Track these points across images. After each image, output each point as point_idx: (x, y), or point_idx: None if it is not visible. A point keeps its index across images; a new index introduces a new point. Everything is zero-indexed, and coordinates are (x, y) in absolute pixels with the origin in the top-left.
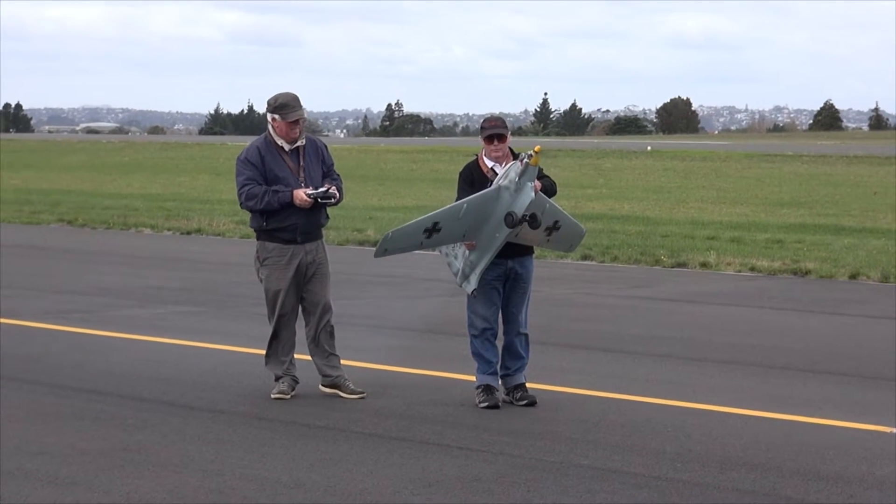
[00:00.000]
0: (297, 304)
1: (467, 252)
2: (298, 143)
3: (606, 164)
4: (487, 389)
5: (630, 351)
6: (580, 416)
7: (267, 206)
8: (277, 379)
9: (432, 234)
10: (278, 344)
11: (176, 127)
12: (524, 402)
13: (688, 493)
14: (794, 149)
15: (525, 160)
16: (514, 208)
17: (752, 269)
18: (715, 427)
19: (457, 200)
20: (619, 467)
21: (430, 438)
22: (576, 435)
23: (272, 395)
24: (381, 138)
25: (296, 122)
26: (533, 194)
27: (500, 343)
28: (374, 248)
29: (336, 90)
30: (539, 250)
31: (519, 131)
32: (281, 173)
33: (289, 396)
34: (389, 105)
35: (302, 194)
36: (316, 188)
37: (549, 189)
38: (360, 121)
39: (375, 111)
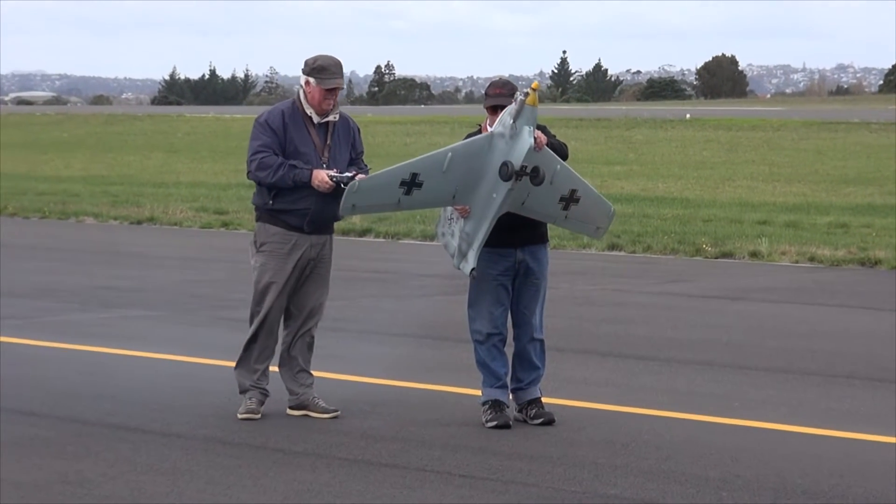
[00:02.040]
0: (285, 305)
1: (462, 222)
2: (330, 118)
3: (637, 135)
4: (496, 406)
5: (666, 358)
6: (607, 437)
7: (280, 181)
8: (244, 392)
9: (411, 188)
10: (255, 349)
11: (124, 96)
12: (539, 420)
13: None
14: (860, 115)
15: (520, 98)
16: (512, 157)
17: (812, 259)
18: (768, 448)
19: None
20: (654, 498)
21: (427, 465)
22: (602, 459)
23: (239, 416)
24: (368, 107)
25: (333, 90)
26: (532, 141)
27: (510, 351)
28: (346, 207)
29: (314, 50)
30: (556, 237)
31: None
32: (303, 147)
33: (258, 416)
34: (378, 67)
35: (324, 175)
36: (340, 172)
37: (556, 148)
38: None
39: (361, 74)
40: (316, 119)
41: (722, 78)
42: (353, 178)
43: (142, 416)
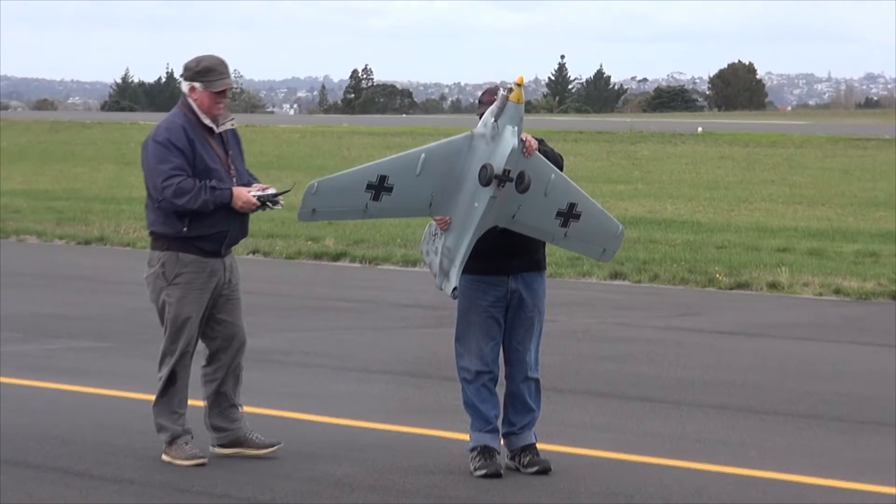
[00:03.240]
0: (198, 338)
1: (444, 236)
2: (228, 125)
3: (643, 150)
4: (485, 452)
5: (675, 401)
6: (609, 488)
7: (202, 206)
8: (175, 438)
9: (380, 194)
10: (176, 391)
11: (71, 100)
12: (534, 468)
13: None
14: (892, 130)
15: (503, 94)
16: (494, 160)
17: (837, 291)
18: (789, 502)
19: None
20: None
21: None
22: None
23: (183, 462)
24: (343, 116)
25: (223, 92)
26: (516, 142)
27: (501, 391)
28: (305, 212)
29: (284, 52)
30: (553, 263)
31: (528, 107)
32: (212, 164)
33: (206, 460)
34: (355, 72)
35: (246, 195)
36: (243, 184)
37: (549, 157)
38: (315, 93)
39: (336, 79)
40: (216, 129)
41: (738, 87)
42: (278, 195)
43: (91, 460)
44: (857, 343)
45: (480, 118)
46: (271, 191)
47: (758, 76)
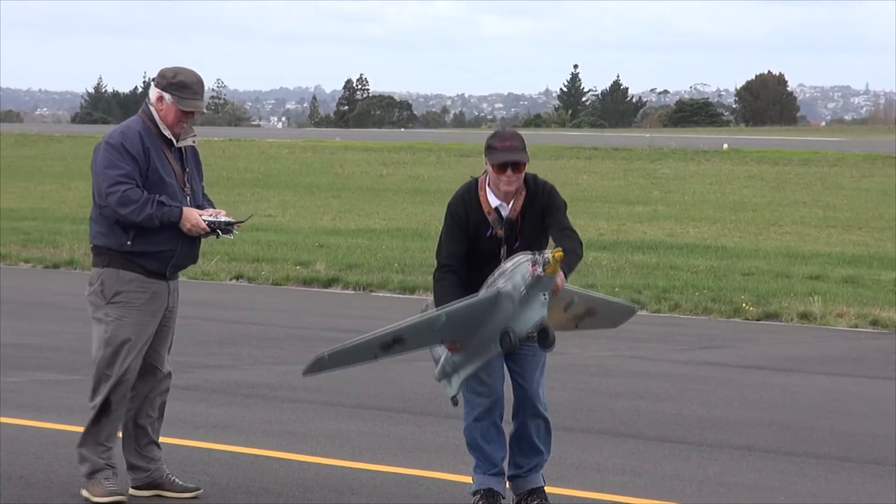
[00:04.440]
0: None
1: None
2: (189, 141)
3: (664, 168)
4: (489, 496)
5: (696, 441)
6: None
7: (146, 220)
8: (96, 471)
9: (392, 347)
10: (107, 422)
11: (38, 112)
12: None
13: None
14: None
15: (540, 267)
16: (515, 325)
17: (874, 322)
18: None
19: (443, 242)
20: None
21: None
22: None
23: (100, 500)
24: (336, 129)
25: (190, 113)
26: (545, 313)
27: (507, 428)
28: (311, 370)
29: (272, 61)
30: None
31: (537, 121)
32: (167, 178)
33: (125, 498)
34: (349, 82)
35: (198, 218)
36: (197, 206)
37: (572, 266)
38: (306, 104)
39: (328, 90)
40: (176, 142)
41: (767, 101)
42: (231, 224)
43: (59, 500)
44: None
45: (492, 166)
46: (225, 218)
47: (789, 88)
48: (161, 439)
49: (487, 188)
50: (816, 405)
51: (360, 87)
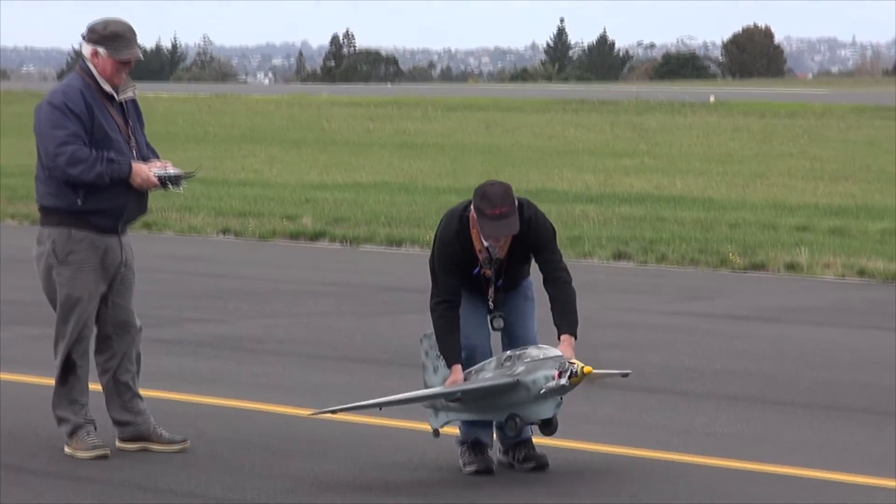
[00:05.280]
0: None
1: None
2: (129, 94)
3: (650, 121)
4: (476, 447)
5: (683, 391)
6: (611, 486)
7: (97, 178)
8: (76, 429)
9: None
10: (75, 379)
11: (24, 69)
12: (530, 464)
13: None
14: None
15: (566, 378)
16: (525, 414)
17: (861, 272)
18: (806, 500)
19: (438, 276)
20: None
21: None
22: None
23: (84, 455)
24: (323, 85)
25: (127, 62)
26: (555, 413)
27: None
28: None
29: (257, 16)
30: None
31: (524, 75)
32: (112, 133)
33: (109, 451)
34: (335, 37)
35: (146, 172)
36: (142, 158)
37: (575, 317)
38: (292, 60)
39: (315, 46)
40: (117, 97)
41: (754, 53)
42: (180, 177)
43: (45, 456)
44: (883, 329)
45: (474, 218)
46: (173, 171)
47: (776, 41)
48: (148, 393)
49: (478, 232)
50: (803, 355)
51: (346, 42)
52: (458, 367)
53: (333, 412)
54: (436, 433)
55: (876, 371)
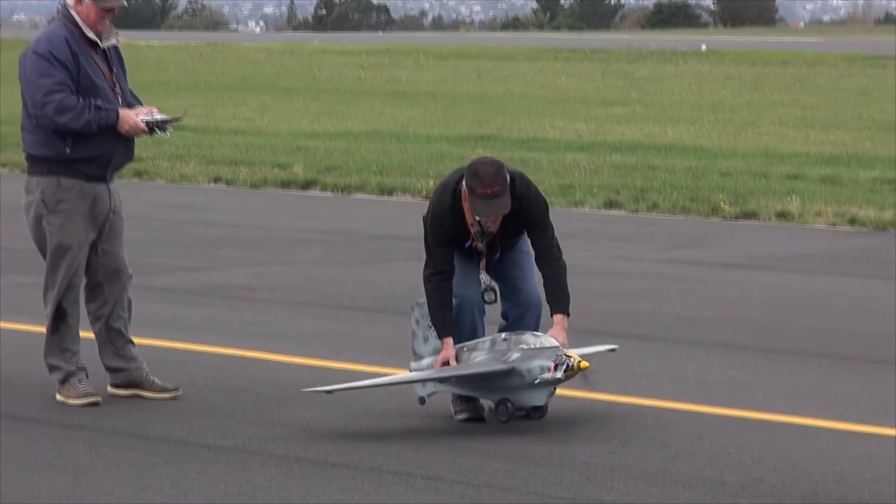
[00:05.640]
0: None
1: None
2: (112, 41)
3: (642, 70)
4: (466, 396)
5: (674, 339)
6: (602, 433)
7: (85, 126)
8: (69, 376)
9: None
10: (66, 328)
11: (15, 17)
12: (521, 412)
13: None
14: None
15: (561, 371)
16: (517, 399)
17: (852, 221)
18: (797, 448)
19: (431, 248)
20: None
21: (383, 464)
22: (595, 459)
23: (76, 402)
24: (314, 33)
25: (111, 10)
26: (545, 401)
27: (493, 329)
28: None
29: None
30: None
31: (515, 23)
32: (98, 81)
33: (100, 398)
34: None
35: (134, 118)
36: (127, 105)
37: (567, 295)
38: (283, 8)
39: None
40: (101, 44)
41: (745, 2)
42: (167, 122)
43: (37, 404)
44: (874, 277)
45: (466, 190)
46: (160, 116)
47: None
48: (139, 340)
49: (469, 207)
50: (794, 303)
51: None
52: (450, 340)
53: (328, 392)
54: (422, 401)
55: (867, 319)
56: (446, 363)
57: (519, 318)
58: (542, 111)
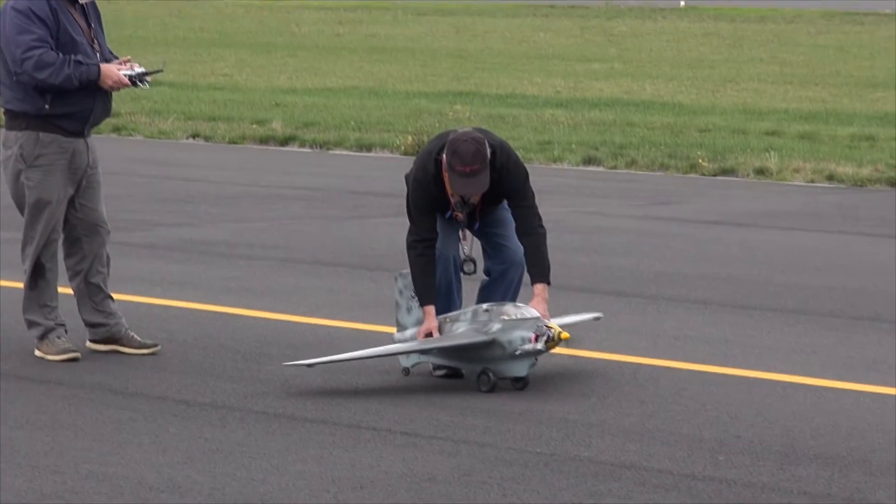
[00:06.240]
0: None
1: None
2: None
3: (620, 26)
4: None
5: (652, 295)
6: (580, 389)
7: (65, 81)
8: (48, 332)
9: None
10: (45, 283)
11: None
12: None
13: (734, 498)
14: (892, 5)
15: (542, 342)
16: (498, 370)
17: (830, 177)
18: (774, 404)
19: (415, 215)
20: (635, 461)
21: (362, 421)
22: (573, 415)
23: (55, 357)
24: None
25: None
26: (526, 373)
27: (474, 287)
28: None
29: None
30: (520, 149)
31: None
32: (77, 36)
33: (79, 354)
34: None
35: (116, 73)
36: (107, 61)
37: (547, 265)
38: None
39: None
40: (79, 0)
41: None
42: (147, 74)
43: (16, 360)
44: (851, 233)
45: (446, 166)
46: (139, 69)
47: None
48: (118, 296)
49: (447, 182)
50: (772, 259)
51: None
52: (432, 309)
53: (309, 365)
54: (406, 371)
55: (844, 275)
56: (429, 334)
57: (502, 275)
58: (520, 67)
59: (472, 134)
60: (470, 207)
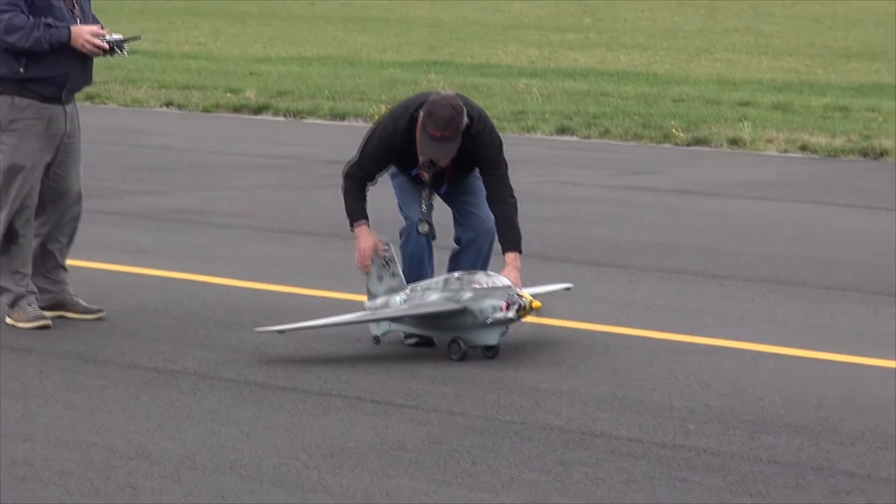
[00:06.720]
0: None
1: (397, 299)
2: None
3: None
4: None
5: (624, 265)
6: (551, 358)
7: (35, 44)
8: (18, 299)
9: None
10: (17, 249)
11: None
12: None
13: (703, 467)
14: None
15: (514, 311)
16: (469, 338)
17: (804, 147)
18: (744, 373)
19: (366, 157)
20: (605, 430)
21: (332, 389)
22: (544, 384)
23: (26, 325)
24: None
25: None
26: (497, 341)
27: (445, 255)
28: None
29: None
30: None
31: None
32: (55, 1)
33: (50, 322)
34: None
35: (87, 34)
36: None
37: (518, 233)
38: None
39: None
40: None
41: None
42: (124, 41)
43: None
44: (824, 203)
45: (419, 129)
46: (117, 36)
47: None
48: (89, 264)
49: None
50: (745, 229)
51: None
52: (364, 225)
53: (280, 332)
54: (376, 340)
55: (816, 245)
56: (375, 253)
57: (471, 243)
58: (495, 37)
59: (452, 100)
60: (437, 169)
